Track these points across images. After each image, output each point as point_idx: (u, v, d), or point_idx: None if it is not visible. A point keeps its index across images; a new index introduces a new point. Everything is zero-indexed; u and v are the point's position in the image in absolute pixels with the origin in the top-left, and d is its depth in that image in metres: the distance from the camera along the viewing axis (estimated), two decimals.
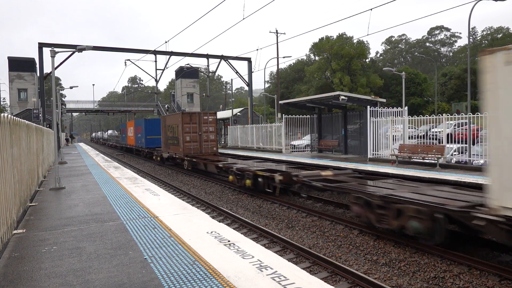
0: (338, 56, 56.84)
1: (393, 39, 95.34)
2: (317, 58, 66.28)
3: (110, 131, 75.93)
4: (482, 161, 14.48)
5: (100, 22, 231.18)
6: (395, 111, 17.19)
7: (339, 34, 60.64)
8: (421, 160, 14.83)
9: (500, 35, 71.23)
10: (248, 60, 38.19)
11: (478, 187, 9.83)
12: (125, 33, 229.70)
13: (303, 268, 5.86)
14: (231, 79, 60.01)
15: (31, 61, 55.13)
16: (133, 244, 5.15)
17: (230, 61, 36.76)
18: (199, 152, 20.59)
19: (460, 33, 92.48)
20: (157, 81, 36.76)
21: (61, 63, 27.98)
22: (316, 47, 61.86)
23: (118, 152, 44.59)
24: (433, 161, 14.23)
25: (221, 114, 45.06)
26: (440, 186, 9.23)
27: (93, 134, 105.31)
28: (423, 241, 7.21)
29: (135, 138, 34.00)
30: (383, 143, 17.33)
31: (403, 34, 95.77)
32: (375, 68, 64.49)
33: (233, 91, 76.00)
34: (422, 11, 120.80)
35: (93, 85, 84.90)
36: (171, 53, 34.17)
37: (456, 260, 6.62)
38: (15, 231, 5.93)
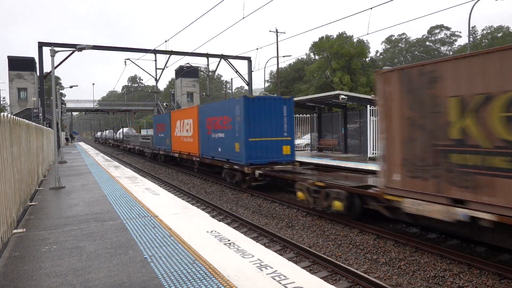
0: (338, 55, 56.78)
1: (393, 38, 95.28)
2: (317, 57, 66.23)
3: (126, 129, 55.06)
4: None
5: (98, 21, 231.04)
6: None
7: (339, 33, 60.65)
8: None
9: (500, 34, 71.20)
10: (248, 59, 38.16)
11: None
12: (123, 32, 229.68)
13: (303, 267, 5.86)
14: (231, 79, 60.04)
15: (31, 60, 55.19)
16: (133, 243, 5.15)
17: (230, 60, 36.71)
18: None
19: (460, 32, 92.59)
20: (157, 80, 36.70)
21: (61, 63, 27.95)
22: (316, 46, 61.80)
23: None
24: None
25: None
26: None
27: (98, 134, 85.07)
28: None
29: (200, 140, 18.30)
30: None
31: (403, 33, 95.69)
32: (375, 67, 64.43)
33: (233, 91, 76.04)
34: (422, 10, 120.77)
35: (93, 84, 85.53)
36: (171, 52, 34.12)
37: (456, 259, 6.62)
38: (15, 231, 5.93)
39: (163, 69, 35.53)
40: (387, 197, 7.58)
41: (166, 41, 30.11)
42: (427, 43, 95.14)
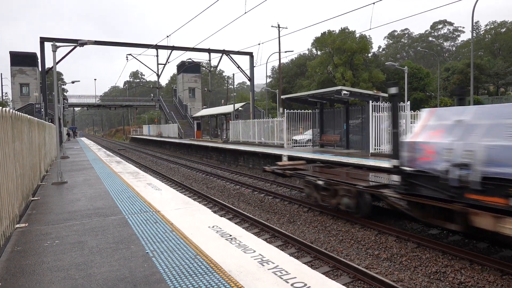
0: (340, 50, 56.56)
1: (396, 33, 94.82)
2: (319, 52, 66.00)
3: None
4: None
5: (95, 15, 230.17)
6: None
7: (341, 28, 60.28)
8: None
9: (503, 29, 70.68)
10: (250, 54, 38.04)
11: None
12: (123, 27, 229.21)
13: (305, 263, 5.87)
14: (233, 74, 60.07)
15: (32, 56, 55.16)
16: (135, 238, 5.16)
17: (232, 55, 36.61)
18: None
19: (463, 27, 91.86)
20: (158, 75, 36.67)
21: (62, 58, 27.88)
22: (318, 42, 61.54)
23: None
24: None
25: (222, 109, 44.98)
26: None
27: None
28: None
29: None
30: (385, 138, 17.28)
31: (406, 29, 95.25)
32: (378, 62, 64.16)
33: (235, 86, 75.91)
34: (425, 5, 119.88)
35: (95, 79, 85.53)
36: (173, 48, 34.04)
37: (458, 255, 6.62)
38: (17, 225, 5.95)
39: (164, 65, 35.50)
40: None
41: (167, 36, 30.03)
42: (430, 38, 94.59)
